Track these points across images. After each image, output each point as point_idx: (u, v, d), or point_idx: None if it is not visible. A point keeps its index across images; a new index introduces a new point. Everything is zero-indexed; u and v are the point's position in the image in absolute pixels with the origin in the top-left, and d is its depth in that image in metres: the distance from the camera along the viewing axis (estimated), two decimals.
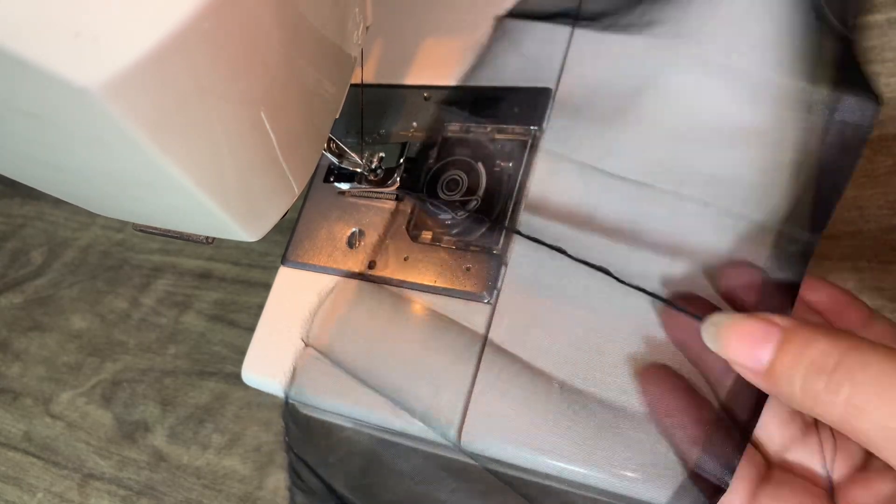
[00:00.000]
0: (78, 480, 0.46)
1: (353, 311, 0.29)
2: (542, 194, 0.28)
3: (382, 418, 0.27)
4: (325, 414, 0.29)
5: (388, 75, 0.34)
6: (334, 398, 0.28)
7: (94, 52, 0.15)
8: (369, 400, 0.27)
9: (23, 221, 0.61)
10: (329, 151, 0.29)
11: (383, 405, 0.27)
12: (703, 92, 0.26)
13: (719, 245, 0.24)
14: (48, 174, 0.22)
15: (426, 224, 0.29)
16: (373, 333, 0.28)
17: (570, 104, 0.29)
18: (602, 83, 0.29)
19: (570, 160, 0.28)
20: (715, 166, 0.25)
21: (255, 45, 0.18)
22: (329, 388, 0.28)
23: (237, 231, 0.23)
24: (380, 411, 0.27)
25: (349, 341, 0.28)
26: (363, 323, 0.28)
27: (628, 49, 0.28)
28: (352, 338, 0.28)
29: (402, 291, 0.28)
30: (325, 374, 0.28)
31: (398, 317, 0.28)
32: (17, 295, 0.57)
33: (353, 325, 0.29)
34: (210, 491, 0.42)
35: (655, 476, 0.22)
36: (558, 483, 0.24)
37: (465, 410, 0.25)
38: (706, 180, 0.25)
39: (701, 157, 0.26)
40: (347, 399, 0.27)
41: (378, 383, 0.27)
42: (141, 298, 0.52)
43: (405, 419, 0.26)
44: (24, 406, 0.51)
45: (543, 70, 0.30)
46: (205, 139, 0.18)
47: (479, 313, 0.27)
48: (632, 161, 0.26)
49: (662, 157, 0.26)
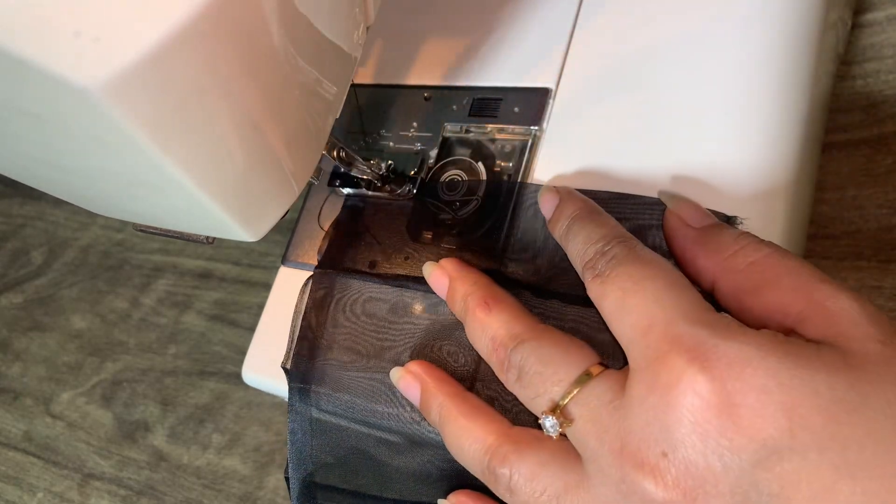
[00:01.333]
0: (78, 480, 0.46)
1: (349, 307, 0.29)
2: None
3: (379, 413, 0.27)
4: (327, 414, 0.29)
5: (388, 75, 0.34)
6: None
7: (94, 51, 0.15)
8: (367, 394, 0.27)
9: (23, 221, 0.61)
10: (338, 159, 0.28)
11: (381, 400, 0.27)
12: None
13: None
14: (48, 174, 0.22)
15: (427, 224, 0.29)
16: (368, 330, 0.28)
17: (571, 104, 0.29)
18: (602, 82, 0.29)
19: (570, 160, 0.28)
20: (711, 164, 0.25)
21: (255, 45, 0.18)
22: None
23: (237, 231, 0.23)
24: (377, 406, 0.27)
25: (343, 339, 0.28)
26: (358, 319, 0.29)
27: (628, 48, 0.28)
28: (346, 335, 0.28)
29: (402, 291, 0.28)
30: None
31: (395, 315, 0.28)
32: (17, 295, 0.57)
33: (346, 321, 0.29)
34: (210, 491, 0.42)
35: None
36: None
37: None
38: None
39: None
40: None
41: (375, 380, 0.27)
42: (141, 298, 0.52)
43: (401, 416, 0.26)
44: (24, 406, 0.51)
45: (543, 70, 0.30)
46: (205, 139, 0.18)
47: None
48: (631, 160, 0.26)
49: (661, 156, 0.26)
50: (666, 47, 0.28)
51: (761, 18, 0.26)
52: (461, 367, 0.26)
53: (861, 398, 0.17)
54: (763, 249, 0.21)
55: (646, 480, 0.18)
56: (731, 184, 0.25)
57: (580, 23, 0.30)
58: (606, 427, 0.19)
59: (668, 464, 0.18)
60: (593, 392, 0.20)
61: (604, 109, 0.28)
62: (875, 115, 0.33)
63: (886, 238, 0.32)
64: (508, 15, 0.32)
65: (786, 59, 0.26)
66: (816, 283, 0.19)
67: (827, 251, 0.33)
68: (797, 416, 0.17)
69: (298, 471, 0.29)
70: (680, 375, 0.18)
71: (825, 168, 0.33)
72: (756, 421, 0.17)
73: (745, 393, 0.17)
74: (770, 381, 0.17)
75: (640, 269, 0.21)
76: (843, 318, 0.18)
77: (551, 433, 0.21)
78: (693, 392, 0.17)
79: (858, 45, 0.34)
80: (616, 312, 0.20)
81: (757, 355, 0.17)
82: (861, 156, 0.33)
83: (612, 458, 0.19)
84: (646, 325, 0.19)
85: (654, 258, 0.21)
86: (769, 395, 0.17)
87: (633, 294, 0.20)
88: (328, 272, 0.30)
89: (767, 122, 0.25)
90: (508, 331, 0.23)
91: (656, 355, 0.19)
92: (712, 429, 0.17)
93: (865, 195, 0.32)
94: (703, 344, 0.18)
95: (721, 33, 0.27)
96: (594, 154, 0.27)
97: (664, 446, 0.18)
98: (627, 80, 0.28)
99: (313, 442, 0.29)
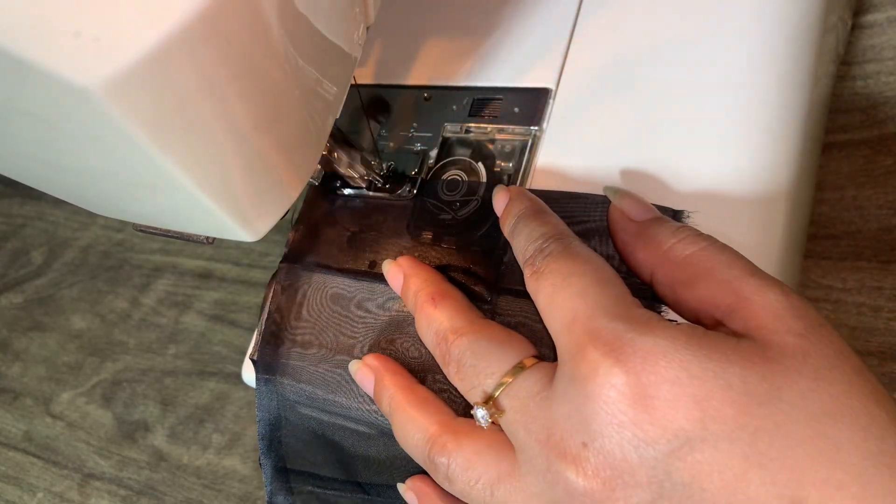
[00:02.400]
0: (78, 480, 0.46)
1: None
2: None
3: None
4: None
5: (388, 75, 0.34)
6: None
7: (94, 51, 0.15)
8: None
9: (23, 221, 0.61)
10: (337, 162, 0.29)
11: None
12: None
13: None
14: (48, 174, 0.22)
15: (427, 224, 0.29)
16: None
17: (571, 104, 0.29)
18: (602, 82, 0.29)
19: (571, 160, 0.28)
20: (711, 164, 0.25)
21: (255, 45, 0.18)
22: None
23: (237, 231, 0.23)
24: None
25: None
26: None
27: (629, 48, 0.28)
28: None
29: (365, 286, 0.29)
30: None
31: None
32: (17, 295, 0.57)
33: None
34: (210, 491, 0.42)
35: None
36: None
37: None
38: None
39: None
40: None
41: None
42: (141, 298, 0.52)
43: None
44: (24, 406, 0.51)
45: (543, 70, 0.30)
46: (205, 139, 0.18)
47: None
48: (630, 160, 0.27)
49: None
50: (666, 48, 0.28)
51: (761, 19, 0.26)
52: (414, 359, 0.27)
53: (774, 390, 0.17)
54: (700, 242, 0.21)
55: (568, 470, 0.18)
56: (731, 184, 0.25)
57: (580, 23, 0.30)
58: (534, 417, 0.20)
59: (587, 454, 0.18)
60: (523, 384, 0.21)
61: (604, 109, 0.28)
62: (875, 115, 0.33)
63: (886, 238, 0.32)
64: (508, 15, 0.32)
65: (786, 59, 0.26)
66: (746, 277, 0.20)
67: (827, 251, 0.33)
68: (709, 407, 0.17)
69: (269, 457, 0.30)
70: (596, 368, 0.18)
71: (825, 168, 0.33)
72: (669, 412, 0.17)
73: (658, 385, 0.17)
74: (682, 373, 0.17)
75: (569, 266, 0.21)
76: (767, 311, 0.19)
77: (482, 424, 0.21)
78: (608, 384, 0.18)
79: (859, 46, 0.34)
80: (546, 307, 0.21)
81: (672, 348, 0.18)
82: (861, 156, 0.33)
83: (539, 447, 0.19)
84: (570, 320, 0.20)
85: (587, 255, 0.22)
86: (681, 387, 0.17)
87: (561, 290, 0.21)
88: (295, 266, 0.31)
89: (767, 122, 0.25)
90: (451, 325, 0.24)
91: (577, 349, 0.19)
92: (627, 420, 0.18)
93: (865, 195, 0.32)
94: (620, 338, 0.19)
95: (721, 34, 0.27)
96: (594, 154, 0.27)
97: (584, 437, 0.18)
98: (627, 80, 0.28)
99: (282, 430, 0.30)
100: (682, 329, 0.19)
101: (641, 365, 0.18)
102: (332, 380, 0.28)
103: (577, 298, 0.20)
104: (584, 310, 0.20)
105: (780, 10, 0.26)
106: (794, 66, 0.26)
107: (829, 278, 0.32)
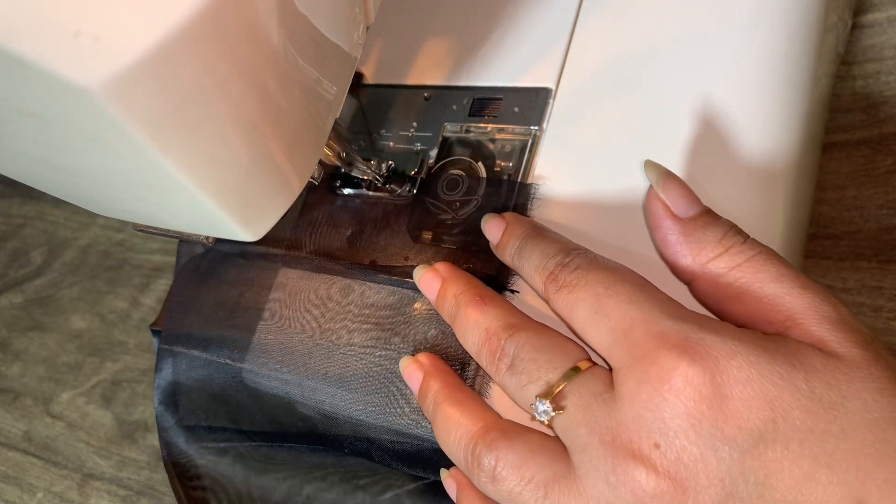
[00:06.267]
0: (78, 480, 0.46)
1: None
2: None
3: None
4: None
5: (388, 75, 0.34)
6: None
7: (94, 51, 0.15)
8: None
9: (23, 221, 0.61)
10: (338, 160, 0.28)
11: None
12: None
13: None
14: (48, 174, 0.22)
15: (427, 224, 0.29)
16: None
17: (571, 104, 0.29)
18: (602, 82, 0.29)
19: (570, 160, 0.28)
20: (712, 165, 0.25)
21: (255, 45, 0.18)
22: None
23: (237, 231, 0.23)
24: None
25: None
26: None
27: (629, 48, 0.28)
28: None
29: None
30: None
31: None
32: (17, 295, 0.57)
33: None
34: None
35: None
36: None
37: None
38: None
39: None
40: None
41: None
42: (141, 298, 0.52)
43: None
44: (24, 406, 0.51)
45: (543, 70, 0.30)
46: (204, 139, 0.18)
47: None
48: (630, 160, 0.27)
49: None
50: (666, 47, 0.28)
51: (762, 19, 0.26)
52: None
53: (839, 398, 0.18)
54: (746, 252, 0.21)
55: (637, 470, 0.18)
56: (731, 184, 0.25)
57: (580, 23, 0.30)
58: (597, 418, 0.20)
59: (660, 454, 0.18)
60: (584, 382, 0.21)
61: (604, 109, 0.28)
62: (875, 115, 0.33)
63: (887, 238, 0.32)
64: (508, 15, 0.32)
65: (786, 59, 0.26)
66: (797, 291, 0.20)
67: (827, 251, 0.33)
68: (779, 407, 0.17)
69: (161, 377, 0.33)
70: (672, 369, 0.18)
71: (825, 168, 0.33)
72: (744, 412, 0.18)
73: (732, 385, 0.18)
74: (753, 373, 0.18)
75: (606, 275, 0.21)
76: (823, 326, 0.19)
77: (543, 418, 0.21)
78: (687, 384, 0.18)
79: (859, 46, 0.34)
80: (590, 316, 0.21)
81: (741, 348, 0.18)
82: (861, 156, 0.33)
83: (603, 448, 0.19)
84: (627, 326, 0.20)
85: (615, 264, 0.22)
86: (753, 387, 0.18)
87: (607, 298, 0.21)
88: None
89: (768, 121, 0.25)
90: (504, 321, 0.23)
91: (643, 352, 0.19)
92: (706, 419, 0.18)
93: (865, 195, 0.32)
94: (689, 339, 0.19)
95: (721, 33, 0.27)
96: (594, 154, 0.27)
97: (657, 438, 0.18)
98: (627, 80, 0.28)
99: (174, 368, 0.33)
100: (746, 332, 0.19)
101: (715, 364, 0.18)
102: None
103: (627, 304, 0.20)
104: (639, 315, 0.20)
105: (780, 10, 0.26)
106: (794, 65, 0.26)
107: (829, 278, 0.32)
